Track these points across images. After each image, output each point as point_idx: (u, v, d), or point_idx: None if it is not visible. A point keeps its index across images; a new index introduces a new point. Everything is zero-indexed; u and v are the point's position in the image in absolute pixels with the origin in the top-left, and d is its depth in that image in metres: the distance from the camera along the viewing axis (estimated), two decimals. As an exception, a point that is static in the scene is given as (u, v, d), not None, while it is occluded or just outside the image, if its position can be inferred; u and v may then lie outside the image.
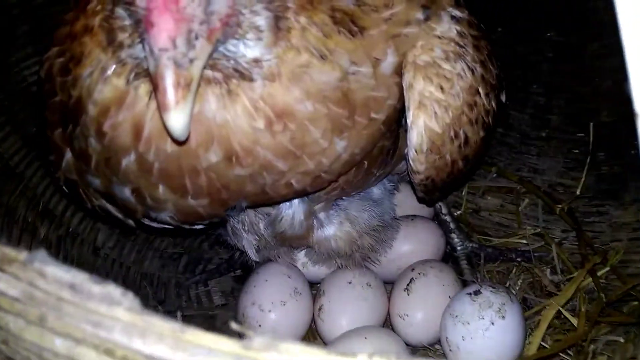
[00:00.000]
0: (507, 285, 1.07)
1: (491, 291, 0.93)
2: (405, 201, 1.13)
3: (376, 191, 0.98)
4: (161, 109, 0.55)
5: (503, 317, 0.90)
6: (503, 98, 0.90)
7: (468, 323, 0.91)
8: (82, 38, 0.66)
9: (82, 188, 0.77)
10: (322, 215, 0.89)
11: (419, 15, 0.75)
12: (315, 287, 1.08)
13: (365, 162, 0.77)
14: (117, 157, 0.67)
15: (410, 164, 0.80)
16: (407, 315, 1.00)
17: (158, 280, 1.16)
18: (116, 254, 1.14)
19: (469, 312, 0.92)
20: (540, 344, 0.89)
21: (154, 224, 0.80)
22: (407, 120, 0.77)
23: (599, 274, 1.01)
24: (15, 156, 1.04)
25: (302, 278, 1.04)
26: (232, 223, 0.92)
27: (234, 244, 0.97)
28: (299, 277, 1.04)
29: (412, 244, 1.10)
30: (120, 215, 0.79)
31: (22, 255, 0.37)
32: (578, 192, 1.17)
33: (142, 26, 0.56)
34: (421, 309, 1.00)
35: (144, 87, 0.63)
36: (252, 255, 0.95)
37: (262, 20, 0.61)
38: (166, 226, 0.80)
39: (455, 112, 0.77)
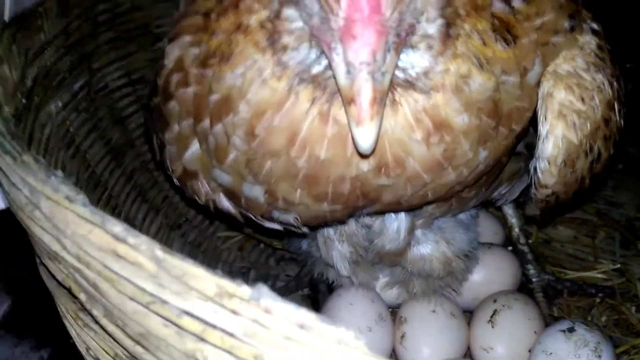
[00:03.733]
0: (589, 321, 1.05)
1: (585, 329, 0.91)
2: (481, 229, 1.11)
3: (462, 216, 0.97)
4: (354, 124, 0.55)
5: (599, 356, 0.88)
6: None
7: (564, 361, 0.89)
8: (232, 35, 0.64)
9: (201, 181, 0.76)
10: (419, 232, 0.88)
11: (566, 24, 0.75)
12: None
13: (485, 176, 0.76)
14: (262, 160, 0.66)
15: (539, 177, 0.79)
16: (491, 348, 0.97)
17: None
18: (189, 266, 1.12)
19: (564, 350, 0.89)
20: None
21: (267, 223, 0.78)
22: (542, 131, 0.76)
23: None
24: (100, 164, 1.03)
25: (384, 304, 1.02)
26: (327, 233, 0.90)
27: (322, 255, 0.94)
28: (382, 303, 1.02)
29: (489, 273, 1.08)
30: (234, 211, 0.78)
31: (245, 290, 0.35)
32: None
33: (333, 35, 0.54)
34: (506, 343, 0.97)
35: (305, 93, 0.61)
36: (342, 269, 0.92)
37: (434, 27, 0.59)
38: (275, 226, 0.79)
39: (593, 126, 0.76)
